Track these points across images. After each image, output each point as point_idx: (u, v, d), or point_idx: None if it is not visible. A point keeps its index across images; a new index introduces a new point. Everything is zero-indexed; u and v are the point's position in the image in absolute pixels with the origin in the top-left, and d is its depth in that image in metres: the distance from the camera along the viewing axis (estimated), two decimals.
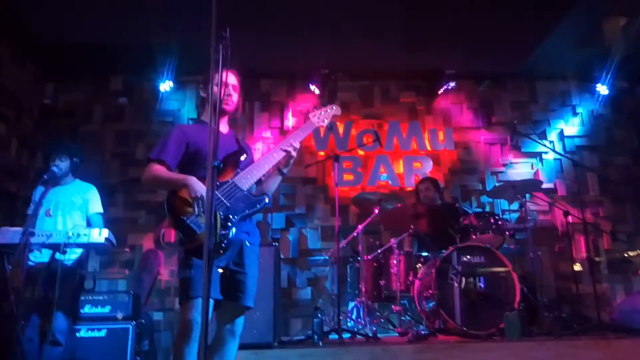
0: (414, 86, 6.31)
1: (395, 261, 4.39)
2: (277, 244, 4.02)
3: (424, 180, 5.21)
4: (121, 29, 4.96)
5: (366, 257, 4.62)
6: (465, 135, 6.21)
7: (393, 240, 4.52)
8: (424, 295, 4.13)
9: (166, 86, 5.75)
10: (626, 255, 5.59)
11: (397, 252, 4.42)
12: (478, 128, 6.22)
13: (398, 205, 4.69)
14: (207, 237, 1.55)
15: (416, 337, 3.70)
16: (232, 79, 2.58)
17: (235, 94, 2.59)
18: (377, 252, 4.65)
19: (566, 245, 5.54)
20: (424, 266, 4.33)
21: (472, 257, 4.06)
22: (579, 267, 5.53)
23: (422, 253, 4.54)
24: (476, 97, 6.32)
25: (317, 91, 5.88)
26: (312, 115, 2.74)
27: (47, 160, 3.72)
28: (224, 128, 2.64)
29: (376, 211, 4.69)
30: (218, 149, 1.73)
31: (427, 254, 4.40)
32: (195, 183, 2.28)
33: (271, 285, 3.65)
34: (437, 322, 3.92)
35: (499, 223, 4.36)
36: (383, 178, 5.90)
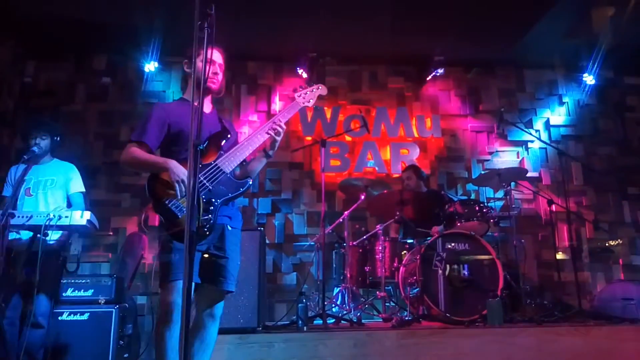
0: (403, 72, 6.28)
1: (380, 247, 4.39)
2: (263, 229, 3.98)
3: (407, 169, 5.17)
4: (105, 6, 4.84)
5: (352, 243, 4.62)
6: (452, 122, 6.21)
7: (379, 226, 4.52)
8: (409, 281, 4.15)
9: (151, 67, 5.65)
10: (607, 244, 5.69)
11: (383, 239, 4.42)
12: (465, 115, 6.23)
13: (384, 191, 4.69)
14: (189, 221, 1.52)
15: (400, 323, 3.72)
16: (218, 57, 2.50)
17: (220, 73, 2.50)
18: (363, 239, 4.66)
19: (549, 233, 5.62)
20: (409, 253, 4.35)
21: (457, 245, 4.09)
22: (562, 256, 5.61)
23: (407, 240, 4.55)
24: (464, 84, 6.32)
25: (305, 75, 5.81)
26: (298, 95, 2.68)
27: (27, 138, 3.63)
28: (207, 107, 2.54)
29: (362, 197, 4.69)
30: (201, 130, 1.68)
31: (412, 241, 4.42)
32: (175, 166, 2.21)
33: (256, 270, 3.63)
34: (421, 308, 3.95)
35: (484, 211, 4.38)
36: (370, 164, 5.89)
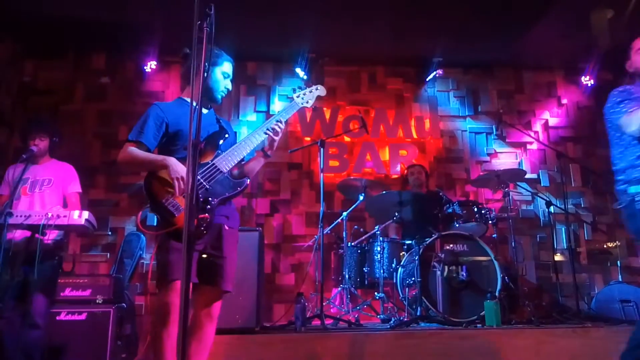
0: (402, 73, 6.28)
1: (379, 248, 4.39)
2: (261, 229, 3.98)
3: (415, 165, 5.37)
4: (104, 5, 4.82)
5: (350, 244, 4.62)
6: (451, 123, 6.21)
7: (377, 227, 4.52)
8: (407, 282, 4.15)
9: (150, 66, 5.64)
10: (605, 246, 5.69)
11: (381, 239, 4.42)
12: (464, 117, 6.23)
13: (383, 192, 4.69)
14: (187, 220, 1.51)
15: (398, 324, 3.73)
16: (229, 68, 2.52)
17: (229, 83, 2.53)
18: (361, 239, 4.66)
19: (548, 235, 5.62)
20: (408, 254, 4.35)
21: (455, 246, 4.09)
22: (560, 257, 5.61)
23: (406, 241, 4.55)
24: (463, 86, 6.32)
25: (304, 76, 5.81)
26: (297, 95, 2.69)
27: (26, 138, 3.63)
28: (205, 108, 2.54)
29: (361, 198, 4.68)
30: (199, 129, 1.66)
31: (411, 242, 4.42)
32: (175, 164, 2.21)
33: (254, 270, 3.62)
34: (420, 310, 3.95)
35: (482, 212, 4.39)
36: (369, 165, 5.89)
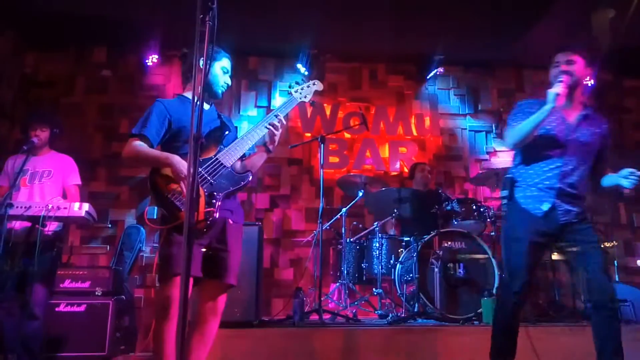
0: (403, 70, 6.28)
1: (377, 244, 4.41)
2: (261, 224, 4.00)
3: (422, 163, 5.31)
4: None
5: (349, 240, 4.64)
6: (451, 121, 6.22)
7: (376, 223, 4.54)
8: (405, 279, 4.17)
9: (152, 60, 5.64)
10: (603, 246, 5.70)
11: (380, 236, 4.44)
12: (464, 115, 6.24)
13: (382, 189, 4.71)
14: (187, 213, 1.53)
15: (396, 320, 3.75)
16: (227, 63, 2.57)
17: (228, 78, 2.59)
18: (360, 235, 4.68)
19: None
20: (406, 250, 4.37)
21: (453, 243, 4.11)
22: (557, 256, 5.62)
23: (404, 237, 4.57)
24: (463, 84, 6.33)
25: (305, 71, 5.82)
26: (294, 90, 2.71)
27: (27, 130, 3.64)
28: (207, 104, 2.58)
29: (360, 194, 4.70)
30: (201, 125, 1.68)
31: (409, 239, 4.44)
32: (178, 162, 2.24)
33: (254, 265, 3.64)
34: (417, 306, 3.97)
35: (481, 210, 4.40)
36: (368, 162, 5.90)
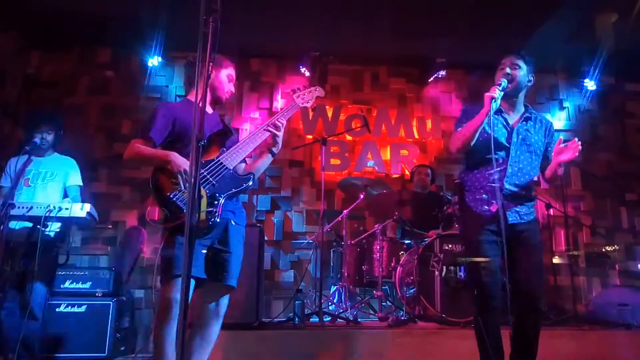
0: (405, 73, 6.28)
1: (378, 247, 4.41)
2: (261, 226, 4.00)
3: (424, 165, 5.30)
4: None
5: (350, 242, 4.64)
6: (453, 124, 6.19)
7: (377, 226, 4.54)
8: (406, 281, 4.17)
9: (154, 61, 5.66)
10: (604, 249, 5.70)
11: (381, 238, 4.44)
12: None
13: (383, 191, 4.71)
14: (189, 214, 1.53)
15: (396, 323, 3.75)
16: (233, 72, 2.61)
17: (232, 86, 2.63)
18: (361, 238, 4.68)
19: (546, 237, 5.63)
20: (407, 253, 4.37)
21: (454, 246, 4.10)
22: (558, 260, 5.62)
23: (405, 240, 4.57)
24: (465, 87, 6.32)
25: (308, 73, 5.83)
26: (296, 95, 2.75)
27: (31, 131, 3.65)
28: (209, 108, 2.62)
29: (361, 197, 4.70)
30: (203, 127, 1.69)
31: (410, 241, 4.43)
32: (177, 157, 2.27)
33: (254, 266, 3.65)
34: (417, 309, 3.97)
35: None
36: (370, 164, 5.91)
